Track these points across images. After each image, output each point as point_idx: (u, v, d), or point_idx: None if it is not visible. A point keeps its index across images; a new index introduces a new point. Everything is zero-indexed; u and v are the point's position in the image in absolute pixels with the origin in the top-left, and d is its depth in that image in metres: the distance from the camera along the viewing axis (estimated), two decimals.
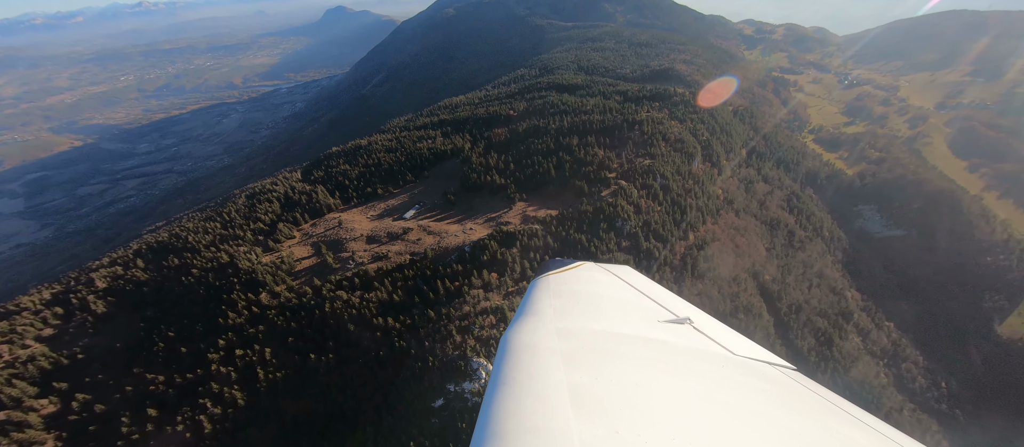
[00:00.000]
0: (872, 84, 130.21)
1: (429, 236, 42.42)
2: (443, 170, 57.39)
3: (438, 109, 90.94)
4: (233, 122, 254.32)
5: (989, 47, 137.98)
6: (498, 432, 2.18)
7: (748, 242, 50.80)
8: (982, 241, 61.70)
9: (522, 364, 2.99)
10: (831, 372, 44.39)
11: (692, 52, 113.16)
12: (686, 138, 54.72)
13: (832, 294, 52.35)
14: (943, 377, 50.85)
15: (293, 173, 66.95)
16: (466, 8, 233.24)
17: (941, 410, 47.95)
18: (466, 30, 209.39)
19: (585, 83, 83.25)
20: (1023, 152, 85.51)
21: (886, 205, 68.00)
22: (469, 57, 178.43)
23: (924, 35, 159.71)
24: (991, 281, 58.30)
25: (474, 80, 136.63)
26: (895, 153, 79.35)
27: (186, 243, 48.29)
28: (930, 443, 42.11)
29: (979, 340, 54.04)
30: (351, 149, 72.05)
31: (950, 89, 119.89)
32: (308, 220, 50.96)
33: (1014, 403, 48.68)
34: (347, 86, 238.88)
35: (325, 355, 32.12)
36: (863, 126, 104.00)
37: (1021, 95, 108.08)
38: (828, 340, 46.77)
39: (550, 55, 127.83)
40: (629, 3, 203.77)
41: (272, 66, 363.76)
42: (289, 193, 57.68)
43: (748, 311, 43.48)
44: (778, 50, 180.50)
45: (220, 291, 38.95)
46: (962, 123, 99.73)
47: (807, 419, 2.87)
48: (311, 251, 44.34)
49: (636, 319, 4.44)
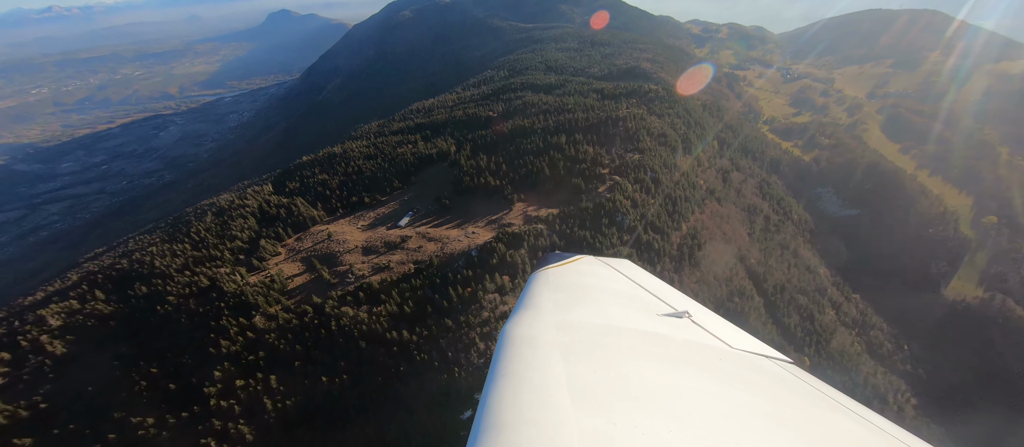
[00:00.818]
0: (811, 77, 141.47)
1: (430, 243, 41.09)
2: (431, 175, 55.89)
3: (411, 113, 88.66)
4: (172, 135, 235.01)
5: (903, 42, 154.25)
6: (497, 423, 2.20)
7: (732, 229, 53.47)
8: (923, 214, 68.69)
9: (521, 356, 3.01)
10: (816, 345, 47.57)
11: (652, 51, 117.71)
12: (668, 132, 56.76)
13: (808, 272, 56.24)
14: (905, 340, 56.01)
15: (263, 186, 62.61)
16: (423, 11, 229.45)
17: (907, 370, 52.75)
18: (424, 33, 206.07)
19: (559, 83, 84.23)
20: (944, 134, 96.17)
21: (841, 187, 74.05)
22: (431, 60, 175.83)
23: (849, 32, 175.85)
24: (934, 250, 65.01)
25: (440, 83, 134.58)
26: (842, 140, 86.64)
27: (153, 269, 43.79)
28: (928, 435, 45.64)
29: (931, 303, 60.07)
30: (325, 158, 68.52)
31: (878, 80, 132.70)
32: (292, 235, 47.81)
33: (966, 357, 54.46)
34: (300, 93, 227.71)
35: (338, 377, 30.18)
36: (809, 116, 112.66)
37: (936, 84, 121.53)
38: (810, 315, 50.14)
39: (516, 56, 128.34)
40: (585, 5, 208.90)
41: (212, 74, 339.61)
42: (264, 207, 53.87)
43: (742, 294, 45.75)
44: (725, 48, 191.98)
45: (206, 318, 35.57)
46: (891, 110, 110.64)
47: (803, 412, 2.91)
48: (302, 267, 41.59)
49: (635, 312, 4.45)
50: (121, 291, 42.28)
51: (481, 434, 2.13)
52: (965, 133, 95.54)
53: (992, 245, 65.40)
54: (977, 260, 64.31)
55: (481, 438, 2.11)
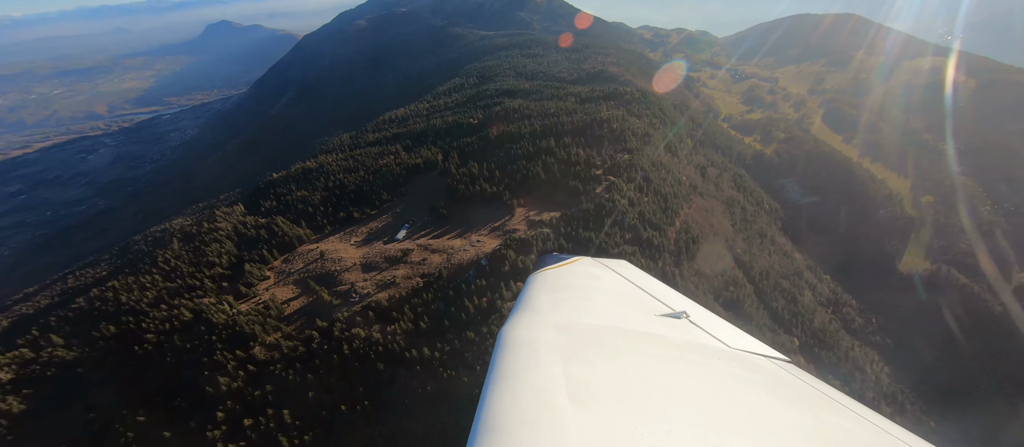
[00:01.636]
0: (757, 77, 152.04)
1: (435, 255, 39.80)
2: (420, 185, 54.36)
3: (384, 123, 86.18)
4: (103, 158, 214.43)
5: (832, 43, 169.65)
6: (496, 426, 2.19)
7: (717, 221, 56.00)
8: (873, 198, 75.41)
9: (520, 358, 3.00)
10: (801, 325, 50.56)
11: (615, 55, 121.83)
12: (651, 132, 58.71)
13: (785, 257, 59.89)
14: (872, 314, 60.89)
15: (234, 206, 58.16)
16: (379, 20, 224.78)
17: (877, 342, 57.27)
18: (383, 43, 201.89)
19: (534, 88, 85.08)
20: (877, 124, 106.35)
21: (800, 177, 79.82)
22: (392, 70, 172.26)
23: (785, 35, 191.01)
24: (886, 229, 71.45)
25: (405, 93, 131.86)
26: (795, 133, 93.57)
27: (119, 305, 39.33)
28: (926, 431, 49.15)
29: (888, 278, 65.81)
30: (299, 173, 64.94)
31: (815, 78, 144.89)
32: (278, 257, 44.67)
33: (922, 326, 59.96)
34: (250, 107, 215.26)
35: (358, 404, 28.31)
36: (760, 113, 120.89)
37: (864, 80, 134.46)
38: (793, 298, 53.31)
39: (483, 63, 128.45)
40: (543, 12, 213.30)
41: (146, 90, 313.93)
42: (241, 229, 50.09)
43: (735, 283, 47.88)
44: (676, 51, 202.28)
45: (196, 354, 32.28)
46: (830, 105, 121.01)
47: (801, 410, 2.93)
48: (297, 290, 38.89)
49: (633, 313, 4.46)
50: (83, 333, 37.57)
51: (479, 437, 2.12)
52: (894, 123, 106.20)
53: (932, 222, 72.83)
54: (921, 236, 71.33)
55: (479, 441, 2.08)
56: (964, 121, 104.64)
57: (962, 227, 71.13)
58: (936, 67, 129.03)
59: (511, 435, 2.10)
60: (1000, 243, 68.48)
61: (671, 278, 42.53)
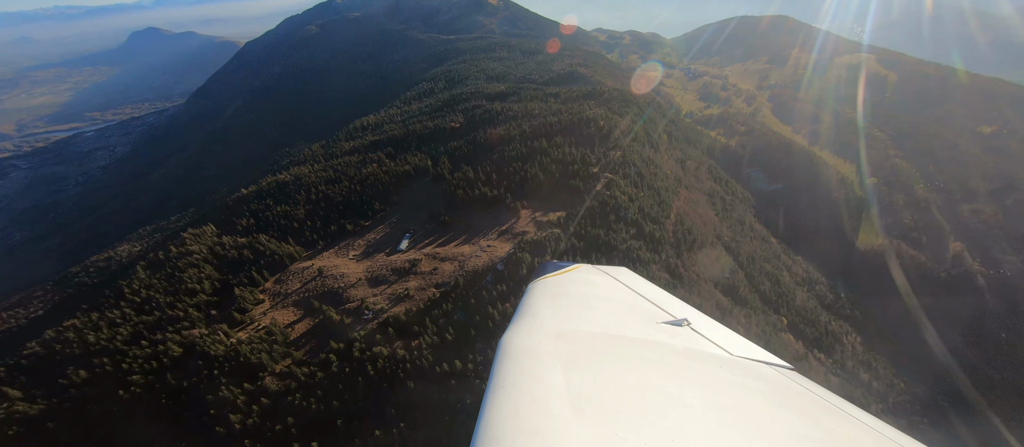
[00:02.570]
0: (709, 75, 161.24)
1: (446, 263, 38.48)
2: (413, 193, 52.48)
3: (357, 131, 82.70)
4: (16, 183, 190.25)
5: (771, 43, 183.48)
6: (497, 435, 2.18)
7: (704, 212, 58.55)
8: (829, 181, 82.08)
9: (520, 367, 3.00)
10: (787, 305, 53.85)
11: (580, 57, 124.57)
12: (636, 130, 60.35)
13: (763, 242, 63.70)
14: (839, 288, 66.11)
15: (203, 227, 53.16)
16: (331, 25, 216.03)
17: (846, 313, 62.20)
18: (337, 48, 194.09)
19: (509, 90, 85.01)
20: (819, 115, 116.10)
21: (764, 166, 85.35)
22: (352, 76, 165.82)
23: (728, 35, 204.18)
24: (842, 209, 77.95)
25: (368, 99, 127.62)
26: (754, 126, 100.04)
27: (87, 346, 34.71)
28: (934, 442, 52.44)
29: (849, 253, 71.81)
30: (272, 187, 60.68)
31: (760, 75, 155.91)
32: (268, 278, 41.32)
33: (881, 293, 65.81)
34: (191, 120, 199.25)
35: (393, 427, 26.66)
36: (717, 108, 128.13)
37: (802, 76, 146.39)
38: (776, 279, 56.79)
39: (449, 68, 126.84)
40: (500, 16, 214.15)
41: (62, 105, 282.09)
42: (219, 251, 45.94)
43: (730, 270, 50.25)
44: (631, 52, 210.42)
45: (196, 392, 29.04)
46: (777, 98, 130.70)
47: (805, 418, 2.95)
48: (299, 312, 36.13)
49: (634, 321, 4.48)
50: (46, 382, 32.75)
51: (481, 446, 2.09)
52: (834, 113, 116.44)
53: (878, 201, 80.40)
54: (871, 214, 78.51)
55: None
56: (890, 110, 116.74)
57: (904, 204, 79.12)
58: (861, 63, 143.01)
59: (511, 444, 2.07)
60: (936, 216, 76.83)
61: (675, 269, 43.82)
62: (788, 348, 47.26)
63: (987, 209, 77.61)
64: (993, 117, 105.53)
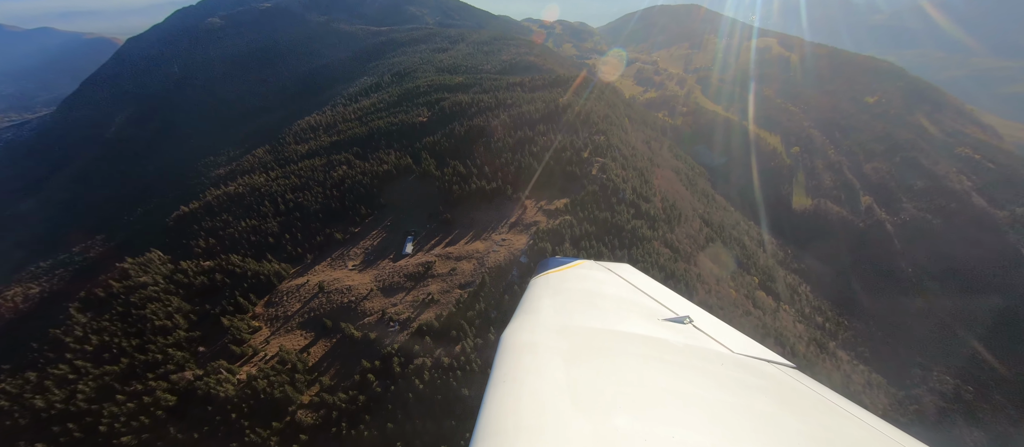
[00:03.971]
0: (640, 61, 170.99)
1: (463, 262, 36.76)
2: (399, 193, 49.22)
3: (308, 132, 75.63)
4: None
5: (688, 29, 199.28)
6: (498, 430, 2.21)
7: (677, 187, 62.41)
8: (764, 152, 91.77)
9: (522, 362, 3.04)
10: (755, 266, 59.56)
11: (526, 47, 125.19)
12: (610, 114, 62.23)
13: (726, 211, 69.62)
14: (781, 245, 74.63)
15: (147, 254, 45.17)
16: (240, 18, 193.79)
17: (793, 266, 70.53)
18: (251, 42, 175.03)
19: (469, 82, 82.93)
20: (742, 94, 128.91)
21: (709, 143, 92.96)
22: (274, 73, 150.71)
23: (650, 24, 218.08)
24: (777, 176, 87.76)
25: (305, 98, 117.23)
26: (695, 107, 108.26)
27: (36, 412, 28.05)
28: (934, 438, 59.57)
29: (788, 215, 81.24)
30: (224, 201, 53.50)
31: (685, 59, 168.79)
32: (256, 302, 36.37)
33: (818, 245, 75.41)
34: (66, 132, 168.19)
35: (462, 440, 25.08)
36: (655, 92, 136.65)
37: (721, 59, 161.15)
38: (742, 244, 62.47)
39: (391, 60, 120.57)
40: (432, 6, 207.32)
41: None
42: (181, 279, 39.49)
43: (710, 239, 54.19)
44: (565, 41, 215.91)
45: (212, 443, 24.80)
46: (704, 81, 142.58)
47: (806, 416, 2.98)
48: (309, 334, 32.34)
49: (636, 317, 4.51)
50: None
51: (481, 441, 2.11)
52: (754, 92, 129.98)
53: (803, 166, 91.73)
54: (799, 179, 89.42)
55: (480, 446, 2.08)
56: (795, 86, 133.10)
57: (822, 167, 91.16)
58: (767, 46, 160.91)
59: (512, 440, 2.07)
60: (848, 176, 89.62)
61: (672, 244, 46.24)
62: (765, 304, 52.30)
63: (883, 166, 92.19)
64: (874, 88, 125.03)
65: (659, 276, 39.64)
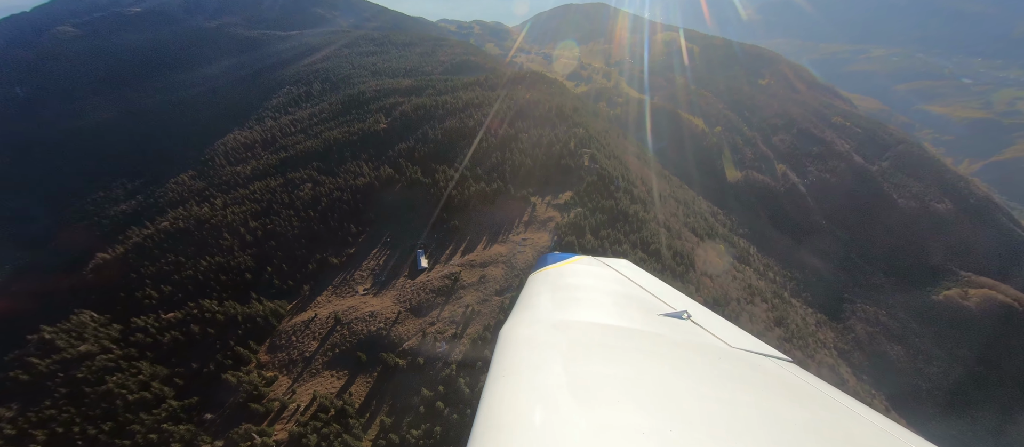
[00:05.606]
0: (565, 57, 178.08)
1: (491, 268, 35.07)
2: (388, 206, 45.29)
3: (242, 151, 66.29)
4: None
5: (599, 26, 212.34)
6: (497, 424, 2.22)
7: (645, 170, 66.31)
8: (694, 133, 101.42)
9: (520, 357, 3.06)
10: (715, 234, 65.72)
11: (460, 47, 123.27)
12: (578, 106, 63.88)
13: (682, 188, 75.62)
14: (729, 214, 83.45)
15: (73, 318, 35.83)
16: (98, 25, 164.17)
17: (742, 231, 79.27)
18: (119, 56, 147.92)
19: (419, 85, 79.28)
20: (661, 83, 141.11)
21: (648, 129, 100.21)
22: (160, 89, 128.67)
23: (565, 22, 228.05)
24: (708, 154, 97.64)
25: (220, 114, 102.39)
26: (628, 98, 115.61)
27: None
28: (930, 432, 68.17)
29: (724, 185, 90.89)
30: (163, 240, 44.76)
31: (604, 54, 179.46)
32: (258, 348, 30.97)
33: (757, 210, 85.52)
34: None
35: None
36: (585, 86, 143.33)
37: (636, 53, 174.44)
38: (703, 216, 68.51)
39: (315, 67, 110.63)
40: (342, 8, 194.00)
41: None
42: (142, 339, 32.20)
43: (685, 213, 58.59)
44: (486, 41, 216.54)
45: None
46: (627, 73, 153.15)
47: (802, 410, 2.97)
48: (342, 372, 28.36)
49: (634, 312, 4.54)
50: None
51: (479, 436, 2.12)
52: (670, 81, 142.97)
53: (728, 144, 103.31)
54: (727, 155, 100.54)
55: (479, 440, 2.09)
56: (703, 74, 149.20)
57: (742, 143, 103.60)
58: (672, 39, 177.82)
59: (511, 434, 2.09)
60: (762, 149, 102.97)
61: (666, 224, 49.15)
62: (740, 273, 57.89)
63: (787, 137, 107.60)
64: (763, 72, 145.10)
65: (667, 255, 41.89)
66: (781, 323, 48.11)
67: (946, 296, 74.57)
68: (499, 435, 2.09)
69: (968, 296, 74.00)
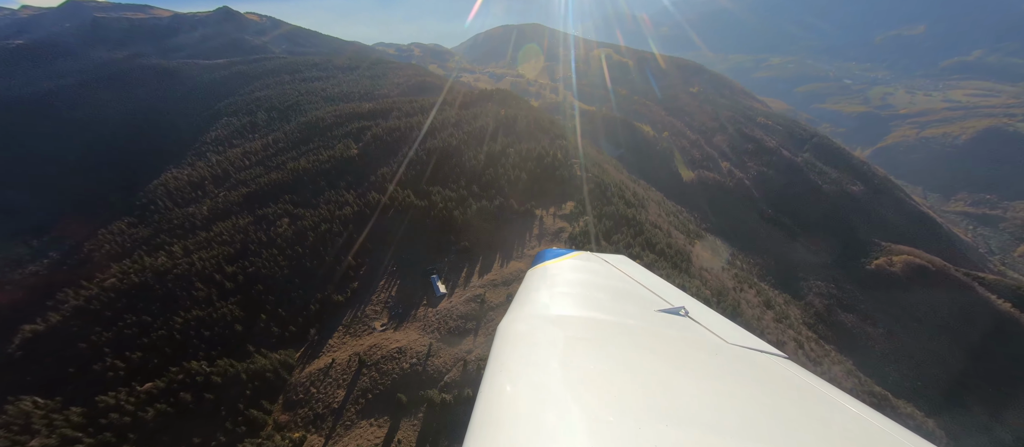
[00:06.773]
0: (510, 75, 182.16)
1: (516, 285, 33.83)
2: (383, 233, 42.42)
3: (191, 189, 59.18)
4: None
5: (539, 46, 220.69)
6: (493, 419, 2.23)
7: (622, 177, 68.80)
8: (646, 140, 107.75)
9: (518, 352, 3.07)
10: (691, 231, 69.71)
11: (411, 69, 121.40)
12: (554, 119, 65.12)
13: (649, 191, 79.50)
14: (692, 210, 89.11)
15: (17, 405, 28.94)
16: None
17: (707, 226, 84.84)
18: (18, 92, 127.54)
19: (383, 108, 76.46)
20: (606, 95, 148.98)
21: (607, 137, 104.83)
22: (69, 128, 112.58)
23: (503, 42, 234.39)
24: (661, 157, 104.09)
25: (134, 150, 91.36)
26: (585, 110, 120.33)
27: None
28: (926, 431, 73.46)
29: (682, 184, 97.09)
30: (110, 303, 38.23)
31: (547, 71, 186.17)
32: (272, 406, 27.03)
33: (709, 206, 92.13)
34: None
35: None
36: (535, 102, 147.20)
37: (579, 69, 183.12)
38: (676, 215, 72.39)
39: (256, 96, 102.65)
40: (275, 36, 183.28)
41: None
42: (123, 421, 26.86)
43: (663, 213, 61.38)
44: (428, 62, 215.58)
45: None
46: (576, 88, 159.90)
47: (796, 405, 3.01)
48: (383, 421, 25.51)
49: (631, 308, 4.55)
50: None
51: (477, 431, 2.13)
52: (612, 92, 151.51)
53: (677, 147, 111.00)
54: (678, 158, 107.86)
55: (477, 435, 2.10)
56: (641, 85, 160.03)
57: (689, 145, 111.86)
58: (608, 54, 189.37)
59: (507, 429, 2.10)
60: (707, 149, 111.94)
61: (658, 224, 51.12)
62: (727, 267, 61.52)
63: (725, 138, 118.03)
64: (692, 81, 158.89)
65: (670, 253, 43.50)
66: (770, 306, 51.74)
67: (876, 265, 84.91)
68: (496, 430, 2.07)
69: (893, 263, 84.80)
